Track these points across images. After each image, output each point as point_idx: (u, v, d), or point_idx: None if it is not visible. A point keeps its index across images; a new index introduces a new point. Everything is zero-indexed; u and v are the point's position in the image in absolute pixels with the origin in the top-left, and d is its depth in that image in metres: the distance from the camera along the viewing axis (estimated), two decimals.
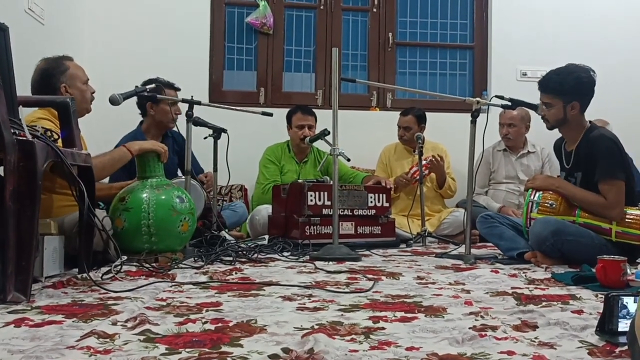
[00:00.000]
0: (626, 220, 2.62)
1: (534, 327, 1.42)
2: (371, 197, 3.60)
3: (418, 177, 3.92)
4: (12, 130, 1.69)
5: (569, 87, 2.71)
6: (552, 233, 2.60)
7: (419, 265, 2.66)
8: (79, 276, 2.03)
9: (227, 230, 3.50)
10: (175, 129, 3.43)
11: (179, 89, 3.50)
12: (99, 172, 2.40)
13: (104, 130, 3.48)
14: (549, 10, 4.83)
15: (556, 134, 2.97)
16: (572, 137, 2.83)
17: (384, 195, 3.66)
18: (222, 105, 3.54)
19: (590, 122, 2.83)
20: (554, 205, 2.74)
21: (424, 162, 3.93)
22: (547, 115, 2.81)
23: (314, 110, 4.22)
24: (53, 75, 2.60)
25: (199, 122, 3.18)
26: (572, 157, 2.81)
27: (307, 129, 4.01)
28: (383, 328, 1.40)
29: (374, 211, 3.59)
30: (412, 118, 4.25)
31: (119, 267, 2.16)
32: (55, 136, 2.25)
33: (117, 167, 2.66)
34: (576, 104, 2.74)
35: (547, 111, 2.80)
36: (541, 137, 4.33)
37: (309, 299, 1.77)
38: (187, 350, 1.20)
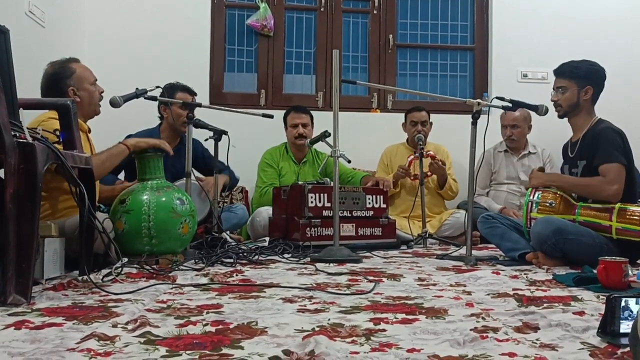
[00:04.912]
0: (627, 216, 2.63)
1: (536, 328, 1.42)
2: (369, 199, 3.60)
3: (418, 174, 3.93)
4: (12, 133, 1.69)
5: (583, 71, 2.84)
6: (554, 232, 2.60)
7: (420, 267, 2.66)
8: (79, 278, 2.02)
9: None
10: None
11: (194, 94, 3.55)
12: (98, 168, 2.41)
13: (105, 132, 3.47)
14: (549, 11, 4.82)
15: (557, 134, 2.97)
16: (579, 126, 2.87)
17: (381, 196, 3.66)
18: (222, 107, 3.55)
19: (599, 118, 2.86)
20: (553, 205, 2.75)
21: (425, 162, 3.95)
22: (561, 100, 2.87)
23: (314, 111, 4.24)
24: (60, 79, 2.62)
25: (200, 124, 3.18)
26: (577, 146, 2.84)
27: (300, 127, 4.03)
28: (384, 330, 1.39)
29: (372, 212, 3.59)
30: (426, 113, 4.25)
31: (120, 269, 2.16)
32: None
33: (116, 163, 2.69)
34: (589, 89, 2.83)
35: (560, 96, 2.87)
36: (542, 138, 4.35)
37: (310, 301, 1.77)
38: (188, 352, 1.19)
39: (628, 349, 1.17)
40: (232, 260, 2.67)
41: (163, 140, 2.83)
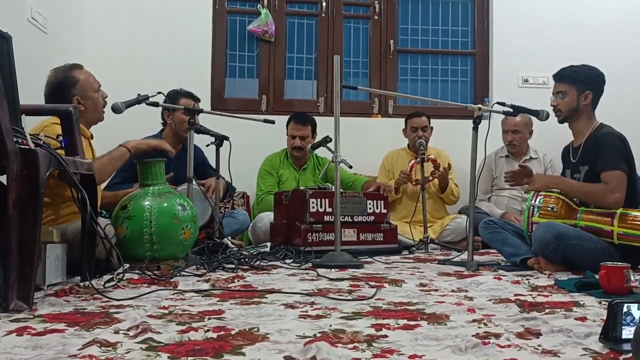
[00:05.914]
0: (628, 221, 2.63)
1: (537, 334, 1.41)
2: (370, 204, 3.60)
3: (419, 179, 3.93)
4: (15, 139, 1.70)
5: (582, 76, 2.85)
6: (555, 237, 2.60)
7: (422, 272, 2.65)
8: (81, 284, 2.03)
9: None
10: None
11: (198, 100, 3.54)
12: (100, 173, 2.41)
13: (107, 138, 3.48)
14: (549, 16, 4.83)
15: (559, 139, 2.97)
16: (580, 131, 2.87)
17: (382, 201, 3.66)
18: (224, 113, 3.55)
19: (600, 122, 2.87)
20: (555, 209, 2.74)
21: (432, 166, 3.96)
22: (560, 105, 2.87)
23: (316, 117, 4.23)
24: (64, 89, 2.62)
25: (201, 130, 3.19)
26: (579, 151, 2.84)
27: (298, 139, 4.03)
28: (386, 336, 1.39)
29: (372, 217, 3.59)
30: (426, 118, 4.26)
31: (121, 275, 2.16)
32: None
33: (117, 167, 2.69)
34: (589, 94, 2.83)
35: (560, 101, 2.87)
36: (543, 143, 4.35)
37: (312, 307, 1.76)
38: (190, 358, 1.19)
39: (630, 355, 1.17)
40: (233, 266, 2.67)
41: (163, 141, 2.83)
